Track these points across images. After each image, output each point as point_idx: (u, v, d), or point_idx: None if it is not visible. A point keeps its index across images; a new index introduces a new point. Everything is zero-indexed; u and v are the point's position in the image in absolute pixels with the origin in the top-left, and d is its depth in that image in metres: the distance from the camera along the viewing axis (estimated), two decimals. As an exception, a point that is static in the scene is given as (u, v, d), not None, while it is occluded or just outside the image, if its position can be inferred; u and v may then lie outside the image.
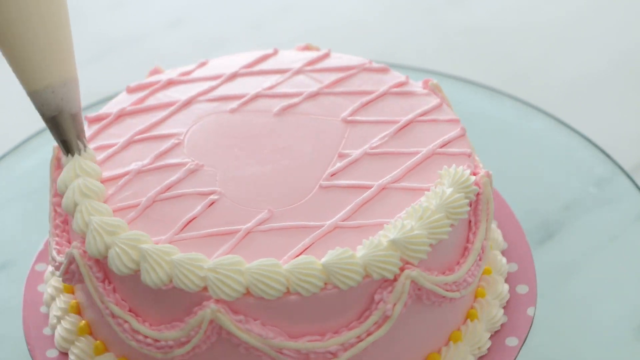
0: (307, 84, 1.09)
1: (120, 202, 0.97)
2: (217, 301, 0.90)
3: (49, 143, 1.30)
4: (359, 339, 0.91)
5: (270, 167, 1.00)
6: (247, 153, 1.02)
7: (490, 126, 1.12)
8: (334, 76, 1.10)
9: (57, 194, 1.02)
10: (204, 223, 0.95)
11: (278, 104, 1.07)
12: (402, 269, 0.91)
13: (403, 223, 0.92)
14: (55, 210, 1.03)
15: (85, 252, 0.94)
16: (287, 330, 0.91)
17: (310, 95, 1.08)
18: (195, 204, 0.96)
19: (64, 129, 0.98)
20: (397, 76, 1.10)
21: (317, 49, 1.15)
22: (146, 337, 0.93)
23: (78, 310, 1.03)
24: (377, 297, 0.91)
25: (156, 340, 0.92)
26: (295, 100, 1.07)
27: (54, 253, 0.99)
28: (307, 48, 1.15)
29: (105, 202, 0.97)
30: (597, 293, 1.10)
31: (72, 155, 1.00)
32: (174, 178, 0.98)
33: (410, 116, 1.04)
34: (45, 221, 1.16)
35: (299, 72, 1.11)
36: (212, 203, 0.96)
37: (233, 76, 1.10)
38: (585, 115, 1.45)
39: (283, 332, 0.91)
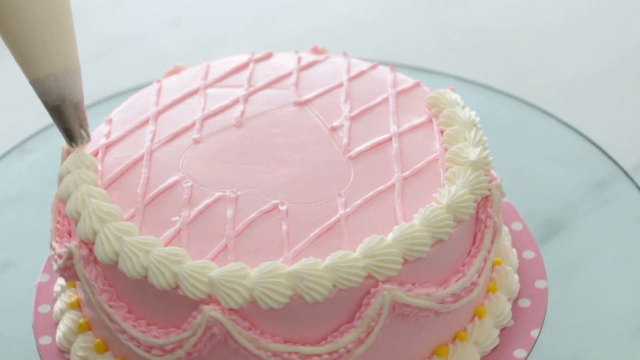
0: (225, 93, 1.08)
1: (205, 254, 0.93)
2: (386, 282, 0.91)
3: (47, 144, 1.30)
4: (485, 260, 0.98)
5: (292, 165, 1.00)
6: (257, 165, 1.01)
7: (490, 126, 1.12)
8: (238, 78, 1.10)
9: (103, 290, 0.95)
10: (302, 231, 0.94)
11: (229, 118, 1.06)
12: (490, 182, 0.98)
13: (463, 147, 0.99)
14: (112, 305, 0.95)
15: (223, 310, 0.90)
16: (435, 282, 0.95)
17: (244, 99, 1.07)
18: (274, 222, 0.95)
19: (66, 117, 0.97)
20: (286, 55, 1.13)
21: (185, 67, 1.14)
22: (320, 355, 0.92)
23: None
24: (482, 216, 0.98)
25: (332, 352, 0.92)
26: (239, 107, 1.06)
27: (160, 341, 0.93)
28: (179, 69, 1.13)
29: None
30: (597, 293, 1.10)
31: (76, 144, 0.98)
32: (230, 212, 0.96)
33: (344, 77, 1.08)
34: (47, 221, 1.16)
35: (206, 87, 1.09)
36: (287, 213, 0.96)
37: (157, 115, 1.07)
38: (585, 115, 1.45)
39: (433, 284, 0.95)
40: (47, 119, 1.34)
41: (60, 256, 0.97)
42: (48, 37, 0.94)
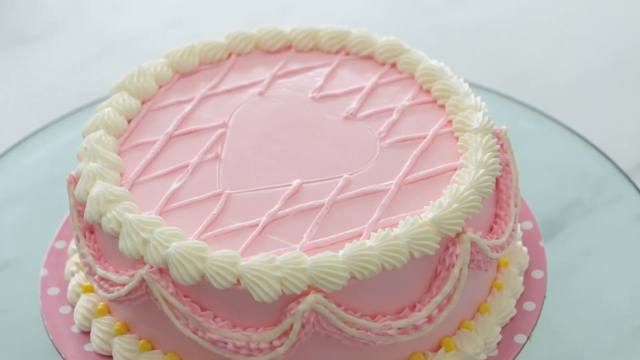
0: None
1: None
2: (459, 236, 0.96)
3: (47, 143, 1.30)
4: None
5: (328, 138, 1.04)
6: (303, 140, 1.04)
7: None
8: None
9: (186, 302, 0.95)
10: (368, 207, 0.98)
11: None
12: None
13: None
14: (202, 315, 0.95)
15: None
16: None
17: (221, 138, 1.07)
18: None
19: None
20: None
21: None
22: (417, 323, 0.95)
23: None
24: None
25: (428, 316, 0.96)
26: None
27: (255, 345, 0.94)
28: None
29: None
30: (597, 293, 1.11)
31: None
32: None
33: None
34: (47, 220, 1.16)
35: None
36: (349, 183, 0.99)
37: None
38: (585, 115, 1.45)
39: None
40: (47, 118, 1.34)
41: (121, 284, 0.96)
42: None
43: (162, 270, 0.93)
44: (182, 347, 0.98)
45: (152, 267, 0.93)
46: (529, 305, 1.05)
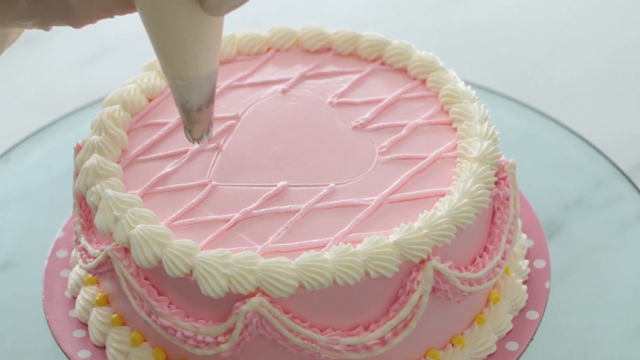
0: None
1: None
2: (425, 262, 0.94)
3: (47, 143, 1.30)
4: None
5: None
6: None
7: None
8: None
9: (144, 284, 0.96)
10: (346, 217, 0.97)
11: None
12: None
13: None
14: (157, 299, 0.96)
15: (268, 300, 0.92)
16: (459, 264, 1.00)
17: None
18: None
19: (192, 119, 0.96)
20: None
21: None
22: (369, 343, 0.94)
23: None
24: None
25: (385, 334, 0.95)
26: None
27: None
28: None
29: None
30: (597, 293, 1.11)
31: (198, 142, 0.97)
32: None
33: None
34: (47, 220, 1.16)
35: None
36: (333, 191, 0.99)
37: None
38: (585, 115, 1.45)
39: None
40: (47, 118, 1.34)
41: (93, 257, 0.98)
42: (197, 49, 0.93)
43: (127, 250, 0.94)
44: (144, 328, 0.99)
45: (118, 244, 0.94)
46: (512, 345, 1.03)
